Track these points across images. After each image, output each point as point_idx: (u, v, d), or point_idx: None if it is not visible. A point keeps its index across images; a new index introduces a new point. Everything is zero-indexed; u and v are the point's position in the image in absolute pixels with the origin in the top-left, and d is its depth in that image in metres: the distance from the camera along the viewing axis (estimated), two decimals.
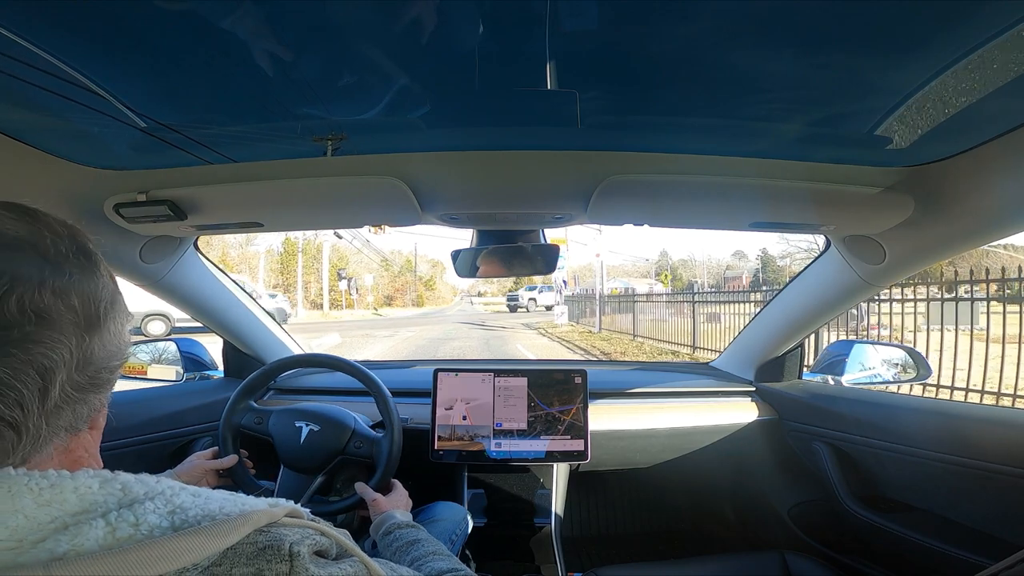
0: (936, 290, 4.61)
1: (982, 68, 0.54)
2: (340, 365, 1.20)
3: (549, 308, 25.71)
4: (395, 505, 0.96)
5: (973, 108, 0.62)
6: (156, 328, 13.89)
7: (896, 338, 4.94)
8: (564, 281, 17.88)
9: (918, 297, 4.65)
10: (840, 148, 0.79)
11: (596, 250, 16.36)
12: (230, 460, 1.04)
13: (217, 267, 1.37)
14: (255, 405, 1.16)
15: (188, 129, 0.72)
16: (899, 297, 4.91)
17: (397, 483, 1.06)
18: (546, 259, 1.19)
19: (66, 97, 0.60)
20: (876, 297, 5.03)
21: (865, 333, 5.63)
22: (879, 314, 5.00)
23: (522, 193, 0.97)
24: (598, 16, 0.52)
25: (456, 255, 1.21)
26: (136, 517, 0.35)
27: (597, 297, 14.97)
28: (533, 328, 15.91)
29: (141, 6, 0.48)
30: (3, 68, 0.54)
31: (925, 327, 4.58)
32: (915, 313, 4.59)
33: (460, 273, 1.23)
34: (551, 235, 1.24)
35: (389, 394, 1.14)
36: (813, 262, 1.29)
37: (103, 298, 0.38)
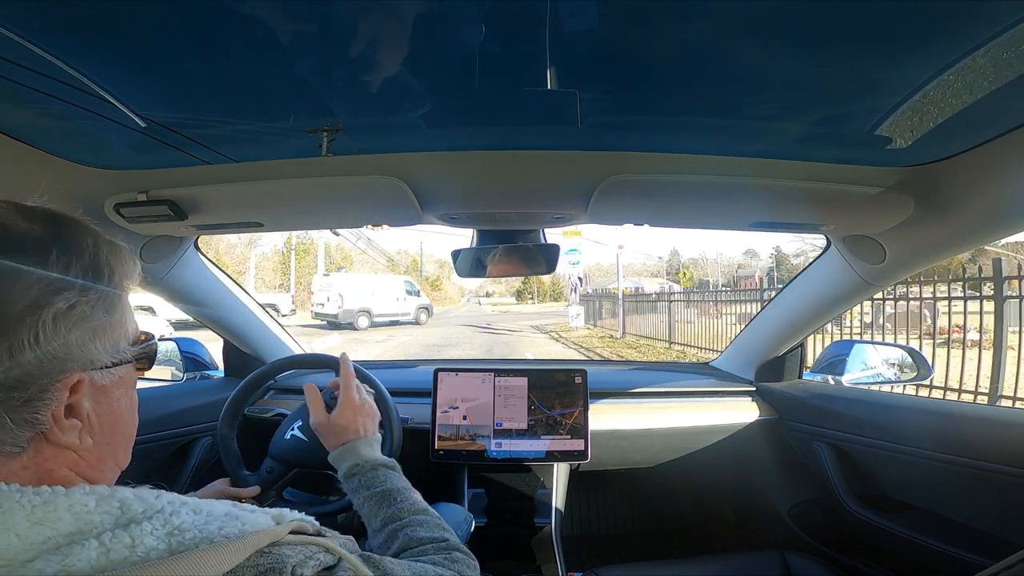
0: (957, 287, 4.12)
1: (982, 68, 0.54)
2: (336, 366, 1.20)
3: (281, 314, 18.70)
4: (352, 425, 0.76)
5: (973, 108, 0.62)
6: (363, 322, 15.97)
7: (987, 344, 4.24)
8: (580, 279, 15.44)
9: (926, 296, 4.39)
10: (840, 148, 0.79)
11: (619, 242, 14.53)
12: (252, 491, 1.02)
13: (217, 266, 1.37)
14: (247, 474, 1.09)
15: (189, 128, 0.72)
16: (911, 296, 4.54)
17: (348, 398, 0.80)
18: (547, 258, 1.19)
19: (66, 99, 0.60)
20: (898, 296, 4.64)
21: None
22: (950, 314, 4.18)
23: (522, 193, 0.97)
24: (598, 16, 0.52)
25: (456, 255, 1.21)
26: (132, 539, 0.33)
27: (620, 297, 12.80)
28: (544, 332, 14.48)
29: (140, 6, 0.48)
30: (3, 68, 0.54)
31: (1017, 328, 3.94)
32: (983, 312, 4.04)
33: (460, 273, 1.23)
34: (568, 228, 1.24)
35: (387, 393, 1.14)
36: (813, 262, 1.29)
37: (20, 300, 0.33)
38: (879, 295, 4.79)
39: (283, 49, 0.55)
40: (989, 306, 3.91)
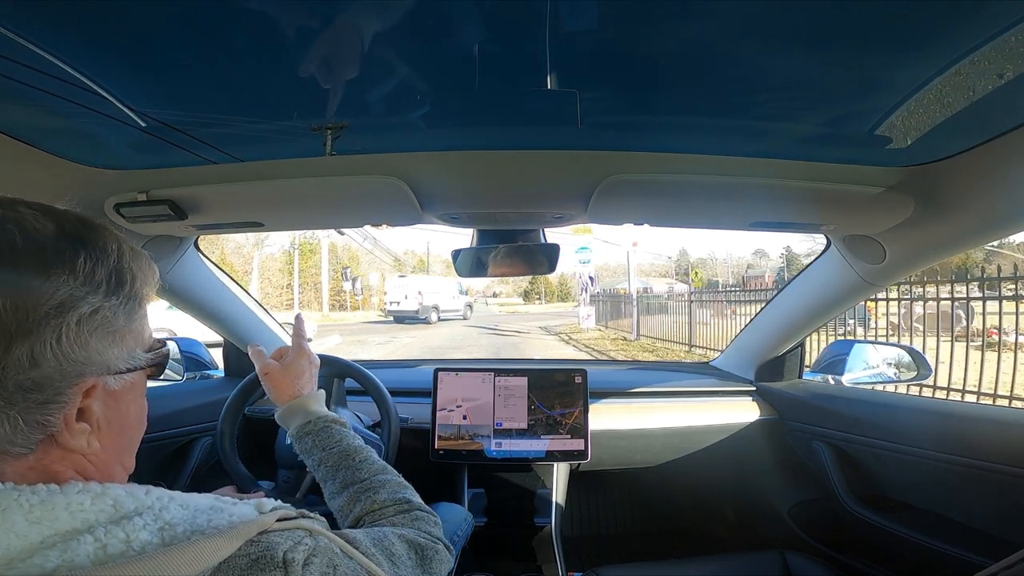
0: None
1: (983, 67, 0.54)
2: (337, 365, 1.20)
3: None
4: (307, 374, 0.77)
5: (973, 108, 0.62)
6: (433, 317, 17.92)
7: None
8: (591, 277, 14.54)
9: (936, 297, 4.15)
10: (841, 148, 0.79)
11: (632, 239, 13.29)
12: (258, 495, 1.03)
13: (217, 267, 1.37)
14: (266, 484, 1.09)
15: (188, 128, 0.72)
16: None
17: (301, 346, 0.80)
18: (547, 258, 1.19)
19: (66, 97, 0.60)
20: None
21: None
22: (984, 314, 3.97)
23: (522, 193, 0.97)
24: (598, 16, 0.52)
25: (456, 254, 1.21)
26: (127, 534, 0.34)
27: (633, 297, 11.74)
28: (553, 333, 13.77)
29: (140, 5, 0.48)
30: (3, 68, 0.54)
31: None
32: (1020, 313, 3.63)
33: (460, 273, 1.23)
34: (578, 226, 1.23)
35: (387, 393, 1.14)
36: (813, 262, 1.29)
37: (44, 303, 0.33)
38: (886, 294, 4.66)
39: (283, 47, 0.55)
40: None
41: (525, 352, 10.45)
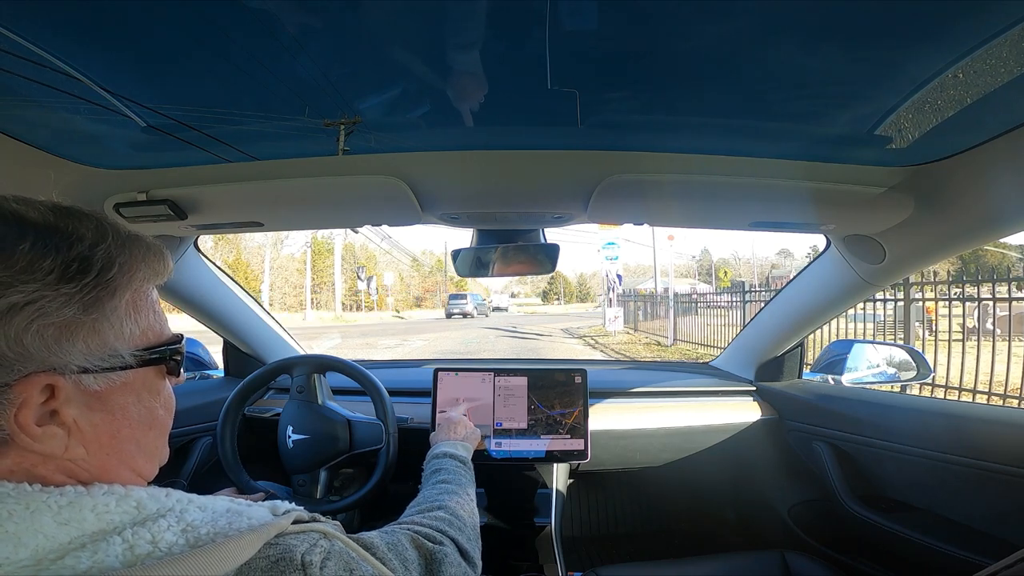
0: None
1: (983, 67, 0.54)
2: (336, 365, 1.20)
3: None
4: (445, 436, 1.03)
5: (974, 107, 0.62)
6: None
7: None
8: (619, 275, 13.59)
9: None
10: (840, 147, 0.79)
11: (668, 231, 12.42)
12: (257, 498, 1.04)
13: (217, 267, 1.37)
14: (270, 485, 1.11)
15: (188, 128, 0.72)
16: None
17: (450, 415, 1.12)
18: (547, 257, 1.19)
19: (66, 99, 0.60)
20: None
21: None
22: None
23: (522, 193, 0.97)
24: (597, 16, 0.52)
25: (456, 254, 1.21)
26: (153, 535, 0.34)
27: (671, 298, 10.56)
28: (577, 336, 12.82)
29: (140, 5, 0.48)
30: (4, 67, 0.54)
31: None
32: None
33: (460, 272, 1.23)
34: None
35: (386, 394, 1.14)
36: (813, 262, 1.29)
37: None
38: (948, 291, 4.21)
39: (283, 47, 0.55)
40: None
41: (547, 357, 9.65)
